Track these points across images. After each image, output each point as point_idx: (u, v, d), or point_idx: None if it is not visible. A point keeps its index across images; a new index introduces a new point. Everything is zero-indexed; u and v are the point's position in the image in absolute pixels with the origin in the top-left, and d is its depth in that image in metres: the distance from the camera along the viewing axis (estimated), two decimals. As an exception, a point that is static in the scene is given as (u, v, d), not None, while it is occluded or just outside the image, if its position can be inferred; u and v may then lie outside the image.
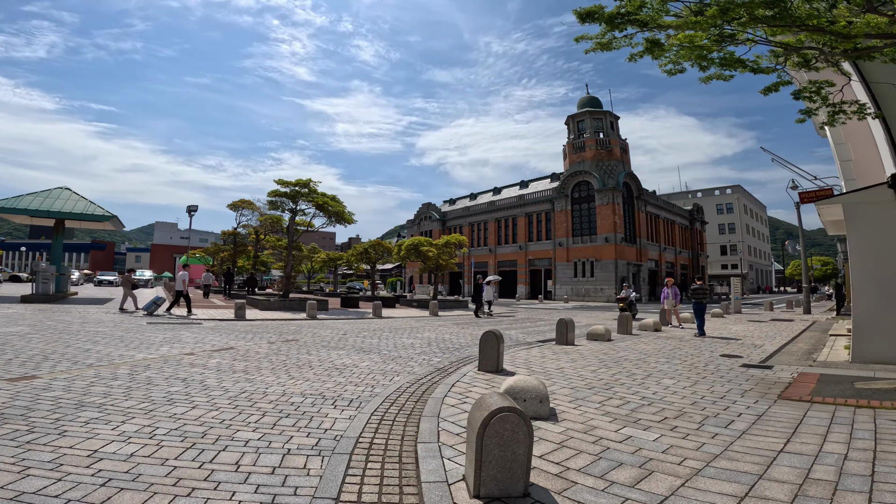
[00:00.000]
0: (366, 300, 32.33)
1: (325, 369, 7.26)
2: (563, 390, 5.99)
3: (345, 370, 7.24)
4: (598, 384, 6.42)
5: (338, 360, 8.07)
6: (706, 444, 4.05)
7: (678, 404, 5.42)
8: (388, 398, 5.48)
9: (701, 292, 14.37)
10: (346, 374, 6.89)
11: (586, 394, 5.83)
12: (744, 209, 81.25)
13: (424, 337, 11.88)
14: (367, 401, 5.37)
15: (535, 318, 20.33)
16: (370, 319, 17.35)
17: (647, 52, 7.28)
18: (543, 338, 12.60)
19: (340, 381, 6.41)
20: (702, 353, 9.82)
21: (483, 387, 6.04)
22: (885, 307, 8.31)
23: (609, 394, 5.86)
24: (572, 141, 47.43)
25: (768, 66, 8.26)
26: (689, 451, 3.87)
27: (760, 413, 5.09)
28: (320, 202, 21.97)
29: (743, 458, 3.71)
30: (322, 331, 12.69)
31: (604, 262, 42.81)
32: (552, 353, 9.38)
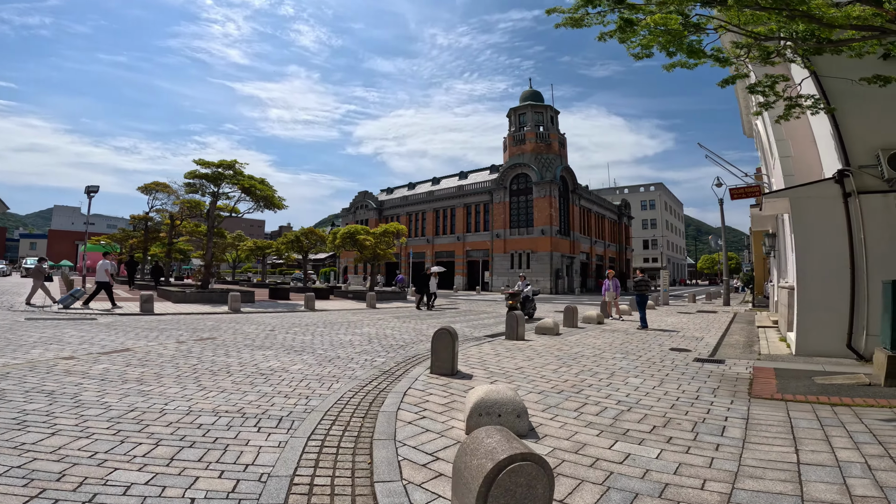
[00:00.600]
0: (297, 291, 30.36)
1: (247, 375, 6.03)
2: (531, 395, 5.25)
3: (272, 376, 6.04)
4: (566, 387, 5.76)
5: (263, 364, 6.82)
6: (715, 458, 3.47)
7: (658, 409, 4.87)
8: (328, 414, 4.43)
9: (643, 284, 14.48)
10: (273, 382, 5.71)
11: (557, 399, 5.13)
12: (664, 206, 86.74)
13: (364, 333, 10.78)
14: (300, 418, 4.29)
15: (478, 310, 19.80)
16: (302, 313, 15.88)
17: (619, 32, 6.82)
18: (490, 332, 11.96)
19: (266, 392, 5.24)
20: (651, 346, 9.60)
21: (441, 395, 5.15)
22: (828, 301, 8.41)
23: (581, 398, 5.20)
24: (513, 133, 47.63)
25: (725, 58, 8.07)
26: (703, 468, 3.25)
27: (744, 415, 4.66)
28: (247, 185, 19.92)
29: (766, 474, 3.16)
30: (246, 326, 11.19)
31: (539, 255, 43.53)
32: (505, 349, 8.70)
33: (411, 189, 63.62)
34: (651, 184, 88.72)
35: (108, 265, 14.36)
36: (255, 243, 40.62)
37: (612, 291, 15.63)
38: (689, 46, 7.87)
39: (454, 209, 52.39)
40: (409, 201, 57.90)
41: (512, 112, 48.43)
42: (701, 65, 8.66)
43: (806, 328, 8.65)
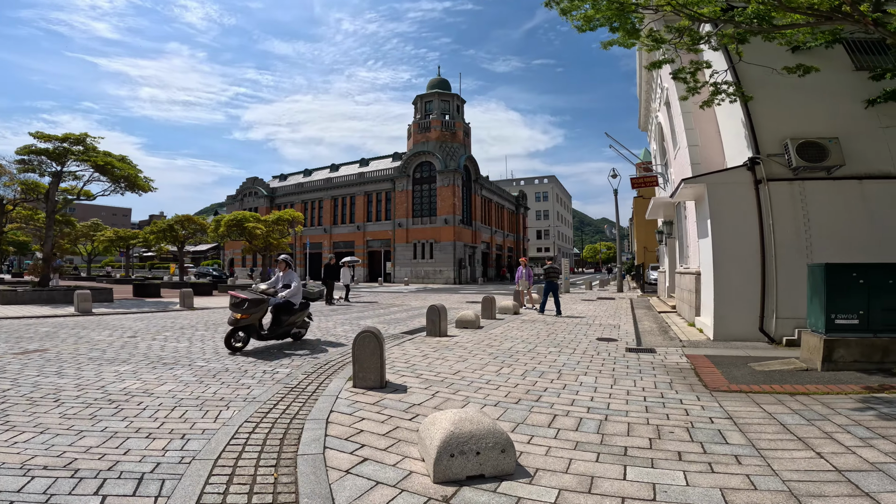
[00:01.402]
0: (171, 287, 26.38)
1: (88, 404, 4.21)
2: (487, 410, 4.23)
3: (127, 404, 4.29)
4: (521, 394, 4.84)
5: (115, 385, 4.95)
6: (751, 475, 2.87)
7: (634, 414, 4.17)
8: (218, 464, 2.96)
9: (553, 272, 14.44)
10: (128, 414, 3.99)
11: (521, 413, 4.17)
12: (556, 198, 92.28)
13: (259, 334, 8.98)
14: (174, 475, 2.78)
15: (386, 303, 18.48)
16: (177, 312, 13.28)
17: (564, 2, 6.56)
18: (406, 328, 10.83)
19: (117, 431, 3.56)
20: (578, 337, 9.21)
21: (377, 419, 3.89)
22: (741, 286, 8.61)
23: (546, 409, 4.31)
24: (418, 121, 46.51)
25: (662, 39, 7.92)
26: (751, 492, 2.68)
27: (724, 414, 4.21)
28: (101, 162, 16.29)
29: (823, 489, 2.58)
30: (96, 332, 8.71)
31: (443, 244, 43.25)
32: (431, 348, 7.62)
33: (307, 176, 59.63)
34: (545, 176, 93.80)
35: None
36: (116, 233, 34.64)
37: (524, 280, 15.33)
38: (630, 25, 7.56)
39: (354, 197, 50.02)
40: (305, 188, 54.16)
41: (418, 99, 47.29)
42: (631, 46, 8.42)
43: (722, 313, 8.78)
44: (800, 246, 8.50)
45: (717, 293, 8.84)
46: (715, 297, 8.86)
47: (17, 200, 20.90)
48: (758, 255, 8.55)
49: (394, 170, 47.49)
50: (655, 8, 7.20)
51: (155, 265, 68.52)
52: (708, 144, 11.49)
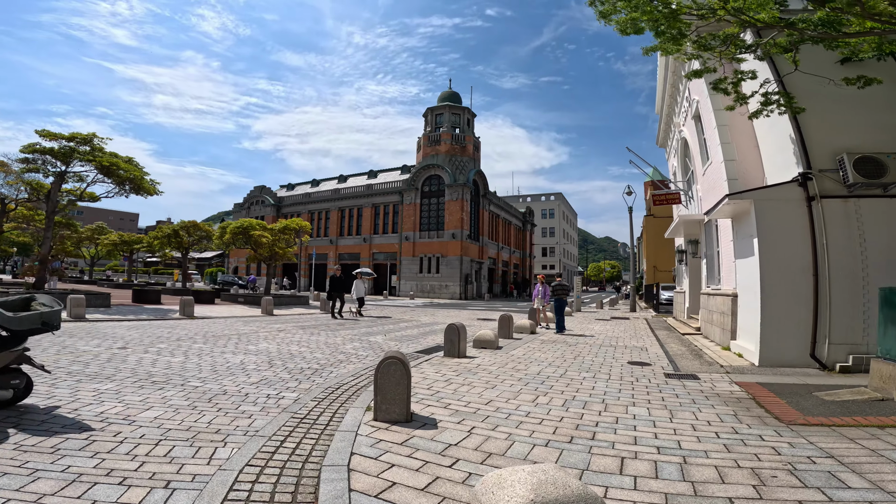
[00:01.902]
0: (173, 293, 25.74)
1: (52, 433, 3.48)
2: (540, 452, 3.47)
3: (101, 434, 3.56)
4: (570, 429, 4.10)
5: (92, 408, 4.23)
6: None
7: (716, 455, 3.51)
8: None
9: (562, 289, 13.87)
10: (100, 448, 3.26)
11: (582, 457, 3.42)
12: (562, 215, 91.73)
13: (261, 350, 8.23)
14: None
15: (396, 318, 17.73)
16: (176, 321, 12.57)
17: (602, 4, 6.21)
18: (419, 346, 10.08)
19: (81, 472, 2.82)
20: (607, 360, 8.45)
21: (409, 467, 3.13)
22: (790, 309, 7.92)
23: (608, 450, 3.56)
24: (428, 133, 46.24)
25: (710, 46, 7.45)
26: None
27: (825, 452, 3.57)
28: (106, 163, 15.77)
29: None
30: (83, 341, 8.00)
31: (449, 259, 42.54)
32: (452, 371, 6.87)
33: (315, 186, 59.34)
34: (552, 193, 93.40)
35: None
36: (120, 237, 34.14)
37: (541, 298, 14.59)
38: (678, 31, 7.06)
39: (361, 209, 49.55)
40: (313, 199, 53.78)
41: (429, 112, 47.10)
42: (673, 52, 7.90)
43: (768, 338, 8.05)
44: (854, 268, 7.81)
45: (764, 316, 8.09)
46: (762, 321, 8.11)
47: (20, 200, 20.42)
48: (809, 277, 7.83)
49: (402, 182, 47.08)
50: (707, 14, 6.66)
51: (159, 270, 68.10)
52: (744, 159, 10.82)
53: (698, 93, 13.59)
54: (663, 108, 20.10)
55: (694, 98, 14.13)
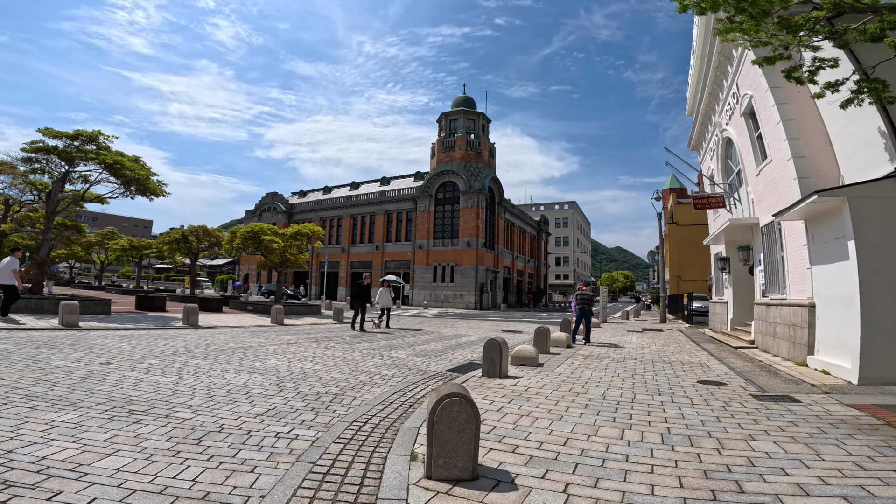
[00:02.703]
0: (181, 300, 24.80)
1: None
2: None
3: (27, 498, 2.36)
4: (704, 482, 2.87)
5: (30, 451, 3.04)
6: None
7: None
8: None
9: (587, 299, 12.95)
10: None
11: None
12: (576, 224, 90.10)
13: (269, 367, 7.04)
14: None
15: (414, 329, 16.49)
16: (178, 330, 11.46)
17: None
18: (449, 363, 8.83)
19: None
20: (670, 379, 7.17)
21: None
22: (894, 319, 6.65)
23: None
24: (443, 139, 45.29)
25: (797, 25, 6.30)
26: None
27: None
28: (110, 161, 14.86)
29: None
30: (64, 354, 6.86)
31: (464, 268, 41.27)
32: (499, 395, 5.63)
33: (327, 193, 58.65)
34: (565, 202, 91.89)
35: (16, 264, 11.16)
36: (129, 242, 33.45)
37: None
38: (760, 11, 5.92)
39: (374, 216, 48.59)
40: (324, 206, 52.99)
41: (443, 117, 46.21)
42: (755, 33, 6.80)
43: (870, 353, 6.79)
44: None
45: (865, 329, 6.84)
46: (862, 334, 6.86)
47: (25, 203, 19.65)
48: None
49: (416, 189, 46.09)
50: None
51: (171, 277, 67.75)
52: (814, 156, 9.53)
53: (752, 87, 12.38)
54: (698, 109, 18.84)
55: (745, 93, 12.91)
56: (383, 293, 15.76)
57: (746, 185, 13.79)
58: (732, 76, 13.98)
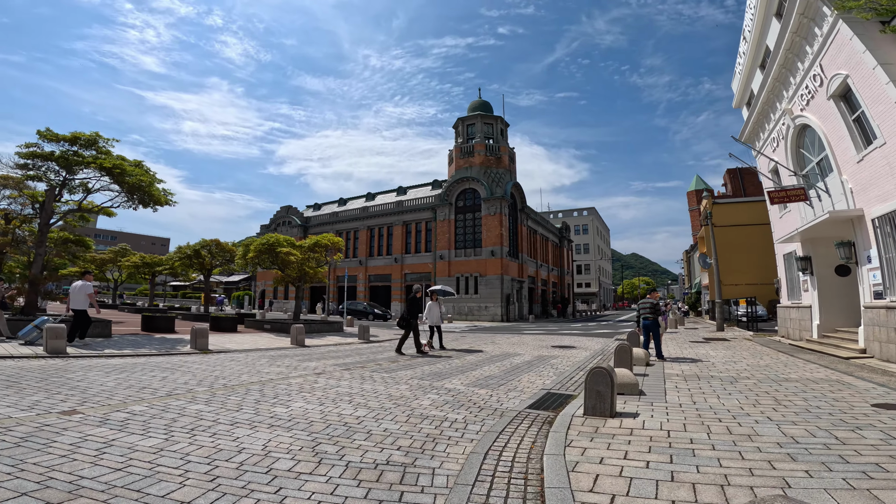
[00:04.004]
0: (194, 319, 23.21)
1: None
2: None
3: None
4: None
5: None
6: None
7: None
8: None
9: (653, 309, 11.17)
10: None
11: None
12: (596, 231, 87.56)
13: (296, 415, 5.12)
14: None
15: (452, 347, 14.50)
16: (183, 357, 9.66)
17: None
18: (522, 394, 6.88)
19: None
20: (836, 405, 5.03)
21: None
22: None
23: None
24: (460, 145, 43.61)
25: None
26: None
27: None
28: (108, 165, 13.31)
29: None
30: (18, 398, 5.01)
31: (489, 278, 39.22)
32: (637, 450, 3.62)
33: (342, 205, 57.31)
34: (584, 208, 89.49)
35: (89, 287, 10.88)
36: (142, 258, 32.18)
37: (663, 324, 11.34)
38: None
39: (392, 227, 46.92)
40: (340, 218, 51.54)
41: (459, 122, 44.62)
42: None
43: None
44: None
45: None
46: None
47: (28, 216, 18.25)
48: None
49: (434, 198, 44.37)
50: None
51: (187, 294, 66.74)
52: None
53: (848, 66, 10.49)
54: (756, 98, 16.81)
55: (836, 74, 11.01)
56: (432, 308, 13.43)
57: (840, 173, 11.72)
58: (814, 57, 12.08)
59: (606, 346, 15.25)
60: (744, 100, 19.60)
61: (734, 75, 20.39)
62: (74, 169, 13.83)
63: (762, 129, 17.56)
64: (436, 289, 14.48)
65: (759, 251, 33.37)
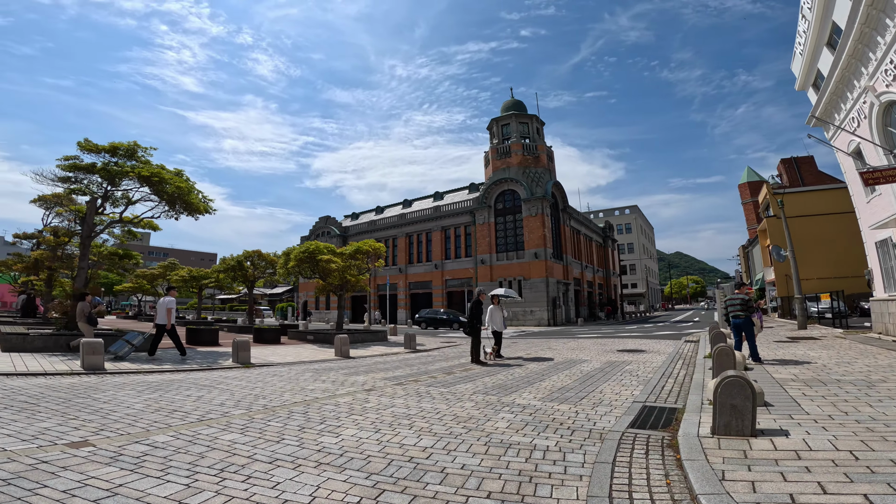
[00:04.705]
0: (238, 331, 23.08)
1: None
2: None
3: None
4: None
5: None
6: None
7: None
8: None
9: (744, 304, 9.78)
10: None
11: None
12: (640, 229, 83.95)
13: (348, 447, 4.14)
14: None
15: (507, 354, 13.35)
16: (223, 372, 8.97)
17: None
18: (615, 410, 5.67)
19: None
20: None
21: None
22: None
23: None
24: (496, 146, 42.46)
25: None
26: None
27: None
28: (146, 174, 13.01)
29: None
30: (27, 423, 4.27)
31: (533, 281, 37.69)
32: (839, 489, 2.39)
33: (379, 213, 57.15)
34: (627, 207, 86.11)
35: (173, 303, 11.06)
36: (189, 272, 32.70)
37: (758, 322, 9.87)
38: None
39: (430, 233, 46.18)
40: (378, 226, 51.31)
41: (493, 123, 43.51)
42: None
43: None
44: None
45: None
46: None
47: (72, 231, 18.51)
48: None
49: (472, 201, 43.33)
50: None
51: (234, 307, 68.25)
52: None
53: None
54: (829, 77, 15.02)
55: None
56: (495, 313, 12.17)
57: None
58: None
59: (680, 348, 13.68)
60: (809, 81, 17.80)
61: (794, 56, 18.68)
62: (116, 180, 13.65)
63: (837, 109, 15.70)
64: (498, 292, 13.25)
65: (833, 242, 30.41)
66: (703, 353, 11.63)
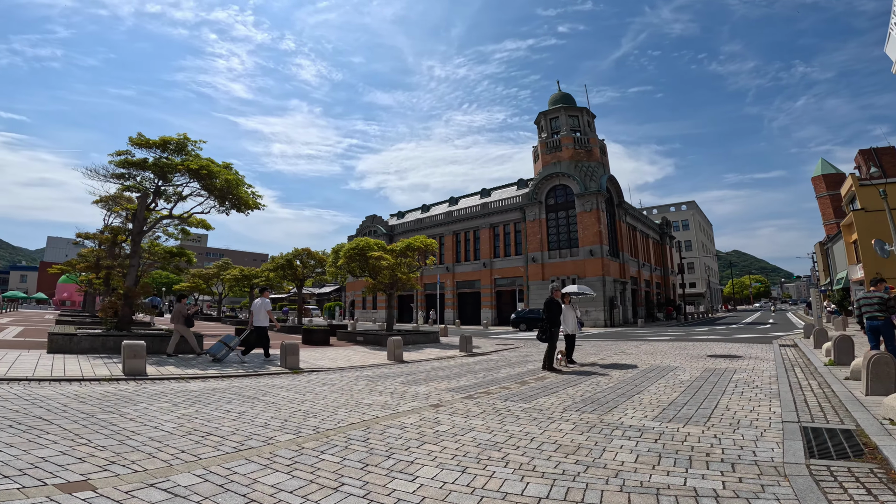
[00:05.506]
0: (288, 331, 22.79)
1: None
2: None
3: None
4: None
5: None
6: None
7: None
8: None
9: (885, 305, 8.26)
10: None
11: None
12: (698, 226, 79.09)
13: (433, 497, 3.07)
14: None
15: (583, 360, 11.95)
16: (270, 378, 8.14)
17: None
18: (756, 430, 4.19)
19: None
20: None
21: None
22: None
23: None
24: (545, 140, 40.64)
25: None
26: None
27: None
28: (195, 167, 12.54)
29: None
30: (23, 450, 3.46)
31: (589, 280, 35.62)
32: None
33: (425, 212, 56.48)
34: (683, 202, 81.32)
35: (268, 304, 11.22)
36: (241, 271, 33.09)
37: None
38: None
39: (478, 231, 44.92)
40: (424, 224, 50.58)
41: (542, 117, 41.68)
42: None
43: None
44: None
45: None
46: None
47: (126, 230, 18.60)
48: None
49: (521, 197, 41.69)
50: None
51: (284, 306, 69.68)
52: None
53: None
54: None
55: None
56: (568, 314, 10.83)
57: None
58: None
59: (780, 353, 11.78)
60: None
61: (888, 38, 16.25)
62: (167, 175, 13.33)
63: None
64: (570, 290, 11.82)
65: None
66: (816, 359, 9.80)
